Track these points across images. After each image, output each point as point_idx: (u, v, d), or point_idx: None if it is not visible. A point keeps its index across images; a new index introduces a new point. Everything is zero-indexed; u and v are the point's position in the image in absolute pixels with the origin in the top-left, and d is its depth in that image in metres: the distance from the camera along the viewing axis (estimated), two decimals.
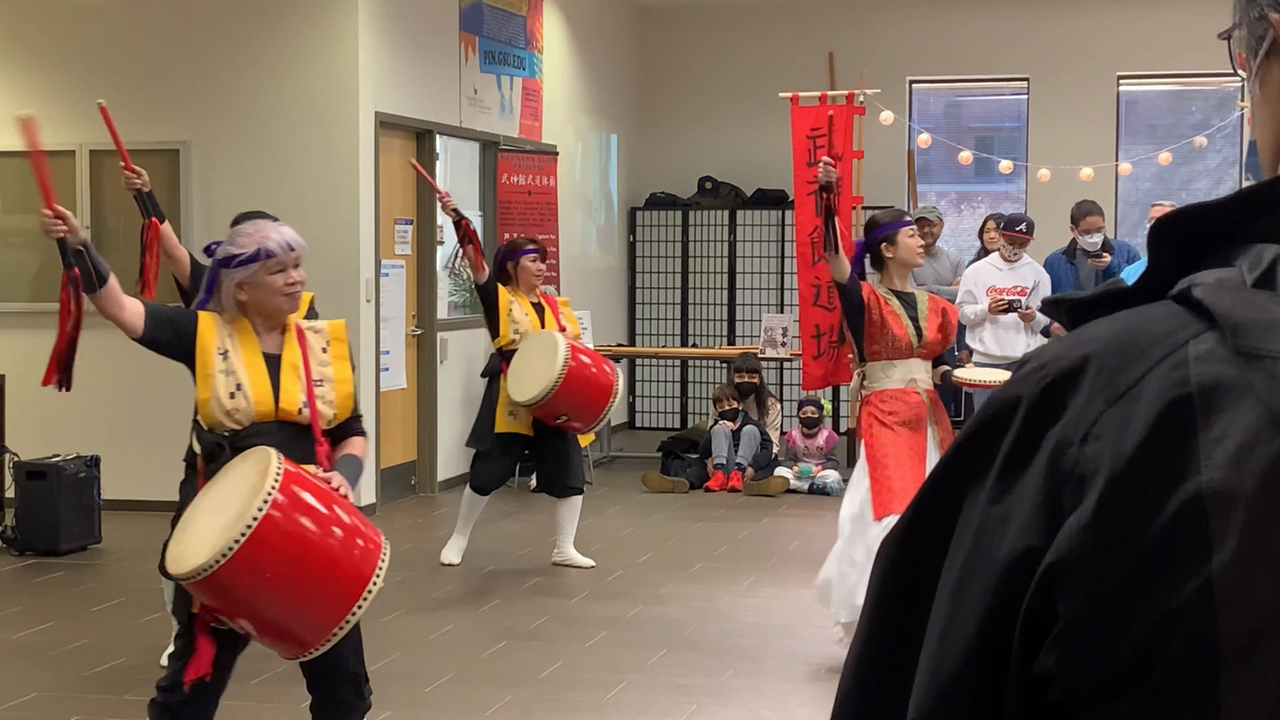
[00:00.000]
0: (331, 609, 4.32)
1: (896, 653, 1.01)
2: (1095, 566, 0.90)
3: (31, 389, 10.59)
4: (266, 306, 4.61)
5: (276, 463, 4.30)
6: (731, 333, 14.92)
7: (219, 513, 4.28)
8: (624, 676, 6.71)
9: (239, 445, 4.49)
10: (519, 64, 12.63)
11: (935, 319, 6.86)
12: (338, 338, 4.75)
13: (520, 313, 8.65)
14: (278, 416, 4.55)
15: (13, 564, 9.09)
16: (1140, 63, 14.33)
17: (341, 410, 4.67)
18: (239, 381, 4.53)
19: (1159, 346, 0.93)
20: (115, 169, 10.60)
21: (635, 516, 10.67)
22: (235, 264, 4.58)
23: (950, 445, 1.02)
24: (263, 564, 4.22)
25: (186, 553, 4.26)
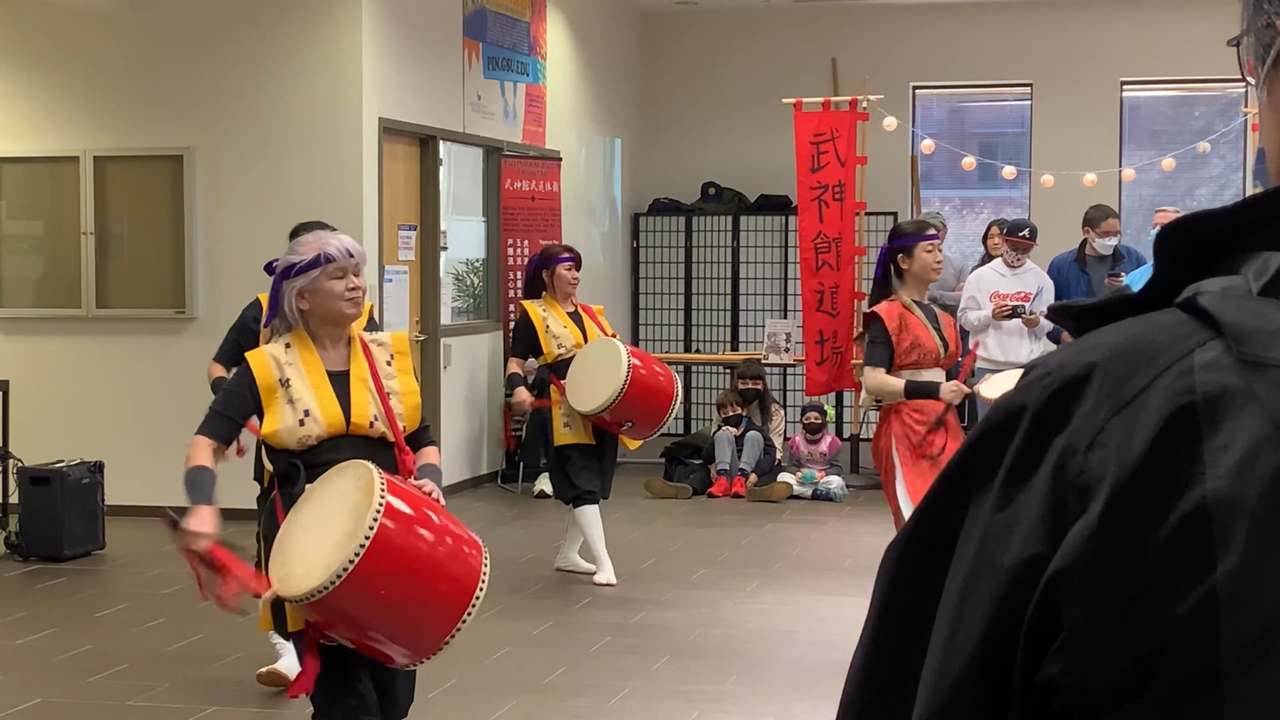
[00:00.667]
0: (443, 618, 4.31)
1: (900, 660, 1.01)
2: (1099, 575, 0.90)
3: (35, 394, 10.65)
4: (330, 313, 4.58)
5: (379, 477, 4.26)
6: (735, 338, 14.92)
7: (324, 531, 4.24)
8: (627, 683, 6.71)
9: (312, 463, 4.47)
10: (522, 70, 12.64)
11: (951, 330, 6.94)
12: (401, 350, 4.73)
13: (559, 326, 8.56)
14: (349, 431, 4.52)
15: (17, 570, 9.09)
16: (1143, 68, 14.33)
17: (410, 421, 4.66)
18: (306, 408, 4.49)
19: (1164, 355, 0.93)
20: (119, 174, 10.67)
21: (638, 522, 10.66)
22: (295, 272, 4.56)
23: (955, 451, 1.02)
24: (378, 580, 4.20)
25: (295, 573, 4.23)
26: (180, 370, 10.26)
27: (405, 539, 4.27)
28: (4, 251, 10.93)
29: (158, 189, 10.62)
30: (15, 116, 10.82)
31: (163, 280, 10.59)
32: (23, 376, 10.22)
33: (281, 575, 4.27)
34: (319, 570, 4.18)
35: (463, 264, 12.32)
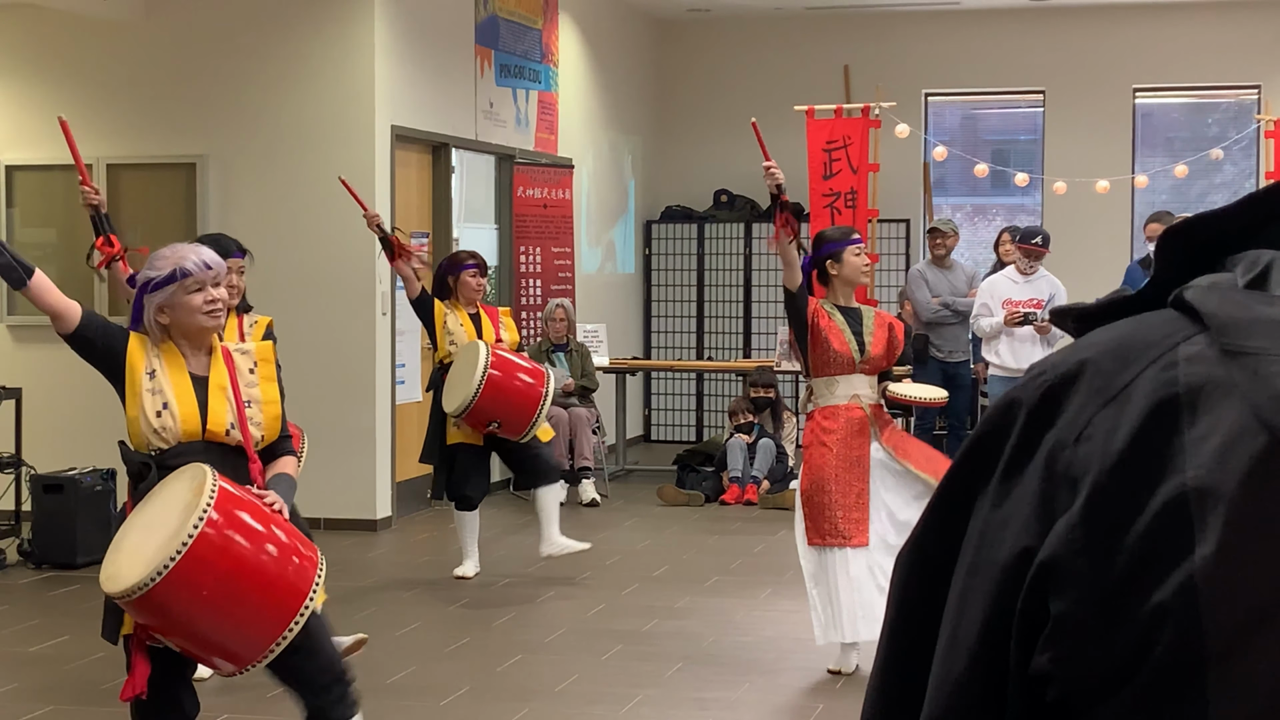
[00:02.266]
0: (268, 625, 4.33)
1: (914, 662, 1.02)
2: (1083, 564, 0.92)
3: (48, 402, 10.65)
4: (188, 326, 4.62)
5: (212, 480, 4.31)
6: (747, 345, 14.91)
7: (153, 530, 4.28)
8: (641, 690, 6.70)
9: (166, 465, 4.50)
10: (535, 77, 12.65)
11: (881, 334, 6.82)
12: (265, 359, 4.76)
13: (455, 324, 8.68)
14: (205, 437, 4.57)
15: (30, 577, 9.10)
16: (1156, 75, 14.32)
17: (270, 431, 4.69)
18: (165, 400, 4.55)
19: (1152, 349, 0.95)
20: (132, 182, 10.69)
21: (651, 530, 10.65)
22: (153, 287, 4.60)
23: (957, 453, 1.03)
24: (198, 581, 4.23)
25: (121, 571, 4.26)
26: None
27: (229, 543, 4.29)
28: None
29: (171, 197, 10.63)
30: (28, 124, 10.84)
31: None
32: (35, 384, 10.23)
33: (109, 573, 4.30)
34: (140, 567, 4.21)
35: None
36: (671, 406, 15.21)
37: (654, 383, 15.15)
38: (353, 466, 10.36)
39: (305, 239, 10.32)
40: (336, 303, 10.30)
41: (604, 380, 12.56)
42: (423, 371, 11.20)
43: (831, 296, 6.85)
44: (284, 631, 4.32)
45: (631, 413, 14.17)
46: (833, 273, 6.84)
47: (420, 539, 10.29)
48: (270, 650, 4.35)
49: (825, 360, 6.74)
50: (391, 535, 10.37)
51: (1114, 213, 14.11)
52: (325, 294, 10.26)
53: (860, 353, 6.74)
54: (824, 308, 6.78)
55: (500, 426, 8.49)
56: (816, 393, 6.86)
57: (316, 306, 10.29)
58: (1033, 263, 10.66)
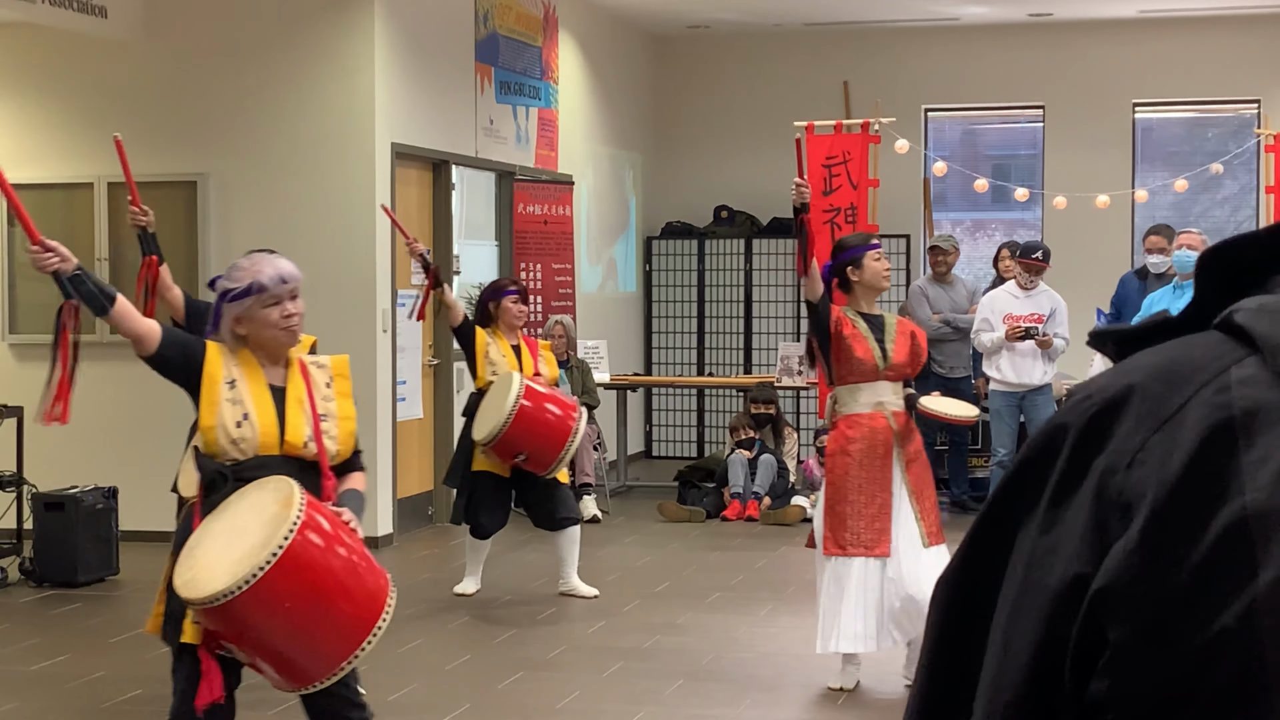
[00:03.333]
0: (342, 643, 4.30)
1: (956, 689, 1.01)
2: (1141, 591, 0.91)
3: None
4: (264, 340, 4.59)
5: (300, 493, 4.28)
6: (748, 361, 14.91)
7: (236, 539, 4.25)
8: (641, 707, 6.69)
9: (241, 476, 4.46)
10: (535, 94, 12.67)
11: (904, 341, 6.82)
12: (341, 374, 4.74)
13: (497, 353, 8.66)
14: (282, 450, 4.52)
15: (30, 595, 9.10)
16: (1156, 90, 14.33)
17: (344, 447, 4.65)
18: (246, 410, 4.50)
19: (1202, 373, 0.94)
20: None
21: (652, 546, 10.65)
22: (230, 298, 4.58)
23: (1001, 478, 1.03)
24: (283, 593, 4.20)
25: (200, 577, 4.22)
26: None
27: (315, 557, 4.27)
28: (18, 278, 10.95)
29: (172, 215, 10.63)
30: (29, 143, 10.86)
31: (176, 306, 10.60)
32: (36, 402, 10.21)
33: (187, 578, 4.26)
34: (225, 575, 4.18)
35: (476, 288, 12.32)
36: (672, 422, 15.21)
37: (655, 399, 15.15)
38: None
39: (306, 257, 10.27)
40: (337, 320, 10.30)
41: (605, 396, 12.56)
42: (424, 389, 11.21)
43: (853, 303, 6.84)
44: (356, 651, 4.29)
45: (632, 429, 14.16)
46: (854, 279, 6.83)
47: (421, 556, 10.29)
48: (340, 669, 4.31)
49: (849, 368, 6.72)
50: (392, 552, 10.37)
51: (1114, 227, 14.11)
52: (326, 311, 10.26)
53: (883, 359, 6.73)
54: (847, 315, 6.77)
55: (527, 459, 8.47)
56: (840, 401, 6.82)
57: (317, 324, 10.26)
58: (1033, 278, 10.67)
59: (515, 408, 8.27)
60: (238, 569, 4.17)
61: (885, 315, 6.92)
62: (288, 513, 4.22)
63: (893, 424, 6.75)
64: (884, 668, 7.16)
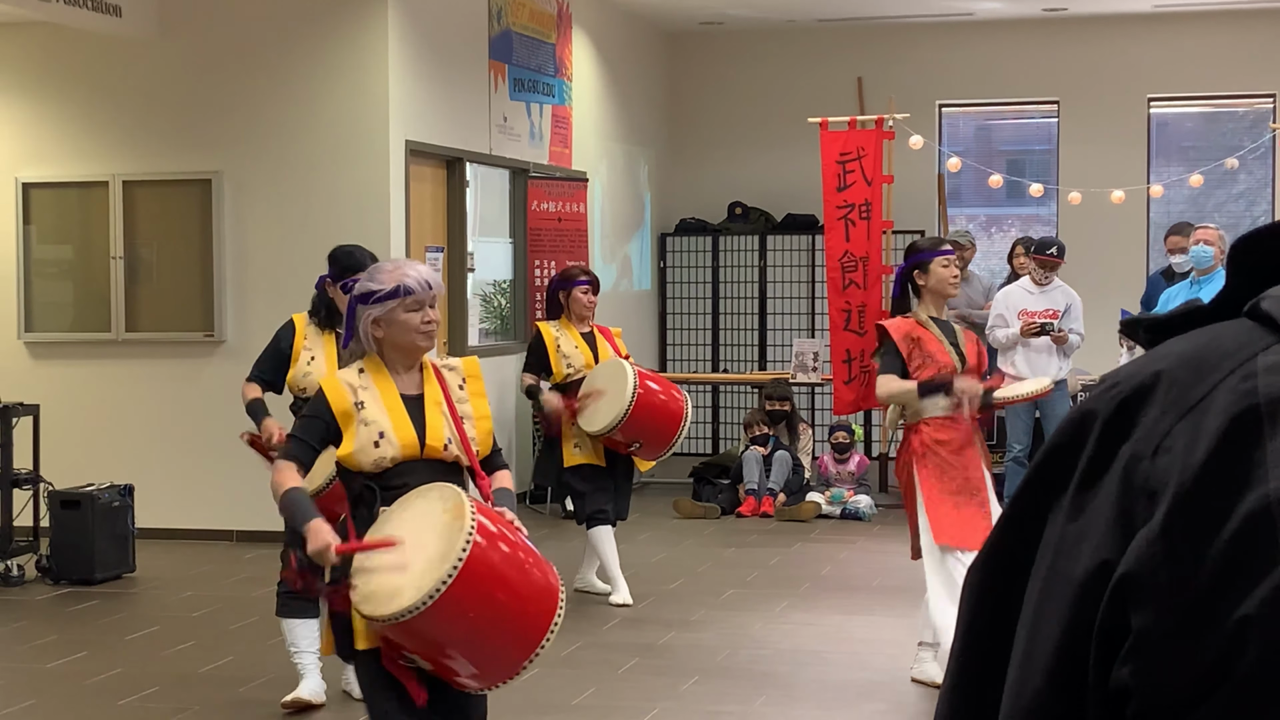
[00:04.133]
0: (522, 644, 4.30)
1: (988, 676, 1.02)
2: (1166, 577, 0.91)
3: (65, 418, 10.68)
4: (402, 344, 4.57)
5: (470, 501, 4.27)
6: (762, 358, 14.90)
7: (411, 552, 4.22)
8: (656, 704, 6.69)
9: (387, 486, 4.46)
10: (548, 91, 12.67)
11: (972, 346, 6.86)
12: (473, 375, 4.73)
13: (570, 346, 8.62)
14: (424, 455, 4.51)
15: (47, 593, 9.12)
16: (1171, 84, 14.30)
17: (484, 446, 4.64)
18: (381, 430, 4.49)
19: (1229, 360, 0.94)
20: (147, 199, 10.72)
21: (667, 543, 10.65)
22: (373, 300, 4.55)
23: (1030, 466, 1.03)
24: (466, 604, 4.19)
25: (379, 593, 4.20)
26: (209, 393, 10.30)
27: (495, 562, 4.26)
28: (34, 276, 10.98)
29: (186, 213, 10.67)
30: (45, 142, 10.89)
31: (191, 304, 10.63)
32: (53, 400, 10.26)
33: (365, 594, 4.24)
34: (410, 591, 4.15)
35: (490, 285, 12.34)
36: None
37: None
38: None
39: (320, 254, 10.28)
40: None
41: None
42: None
43: (923, 308, 6.83)
44: (537, 648, 4.30)
45: None
46: (920, 283, 6.82)
47: None
48: (524, 667, 4.32)
49: (929, 370, 6.69)
50: None
51: (1129, 223, 14.08)
52: None
53: (962, 363, 6.73)
54: (920, 319, 6.76)
55: (641, 447, 8.45)
56: (921, 406, 6.73)
57: None
58: (1048, 273, 10.65)
59: (635, 396, 8.23)
60: (421, 584, 4.14)
61: (954, 323, 6.94)
62: (461, 523, 4.20)
63: (970, 424, 6.74)
64: (899, 664, 7.15)
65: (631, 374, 8.27)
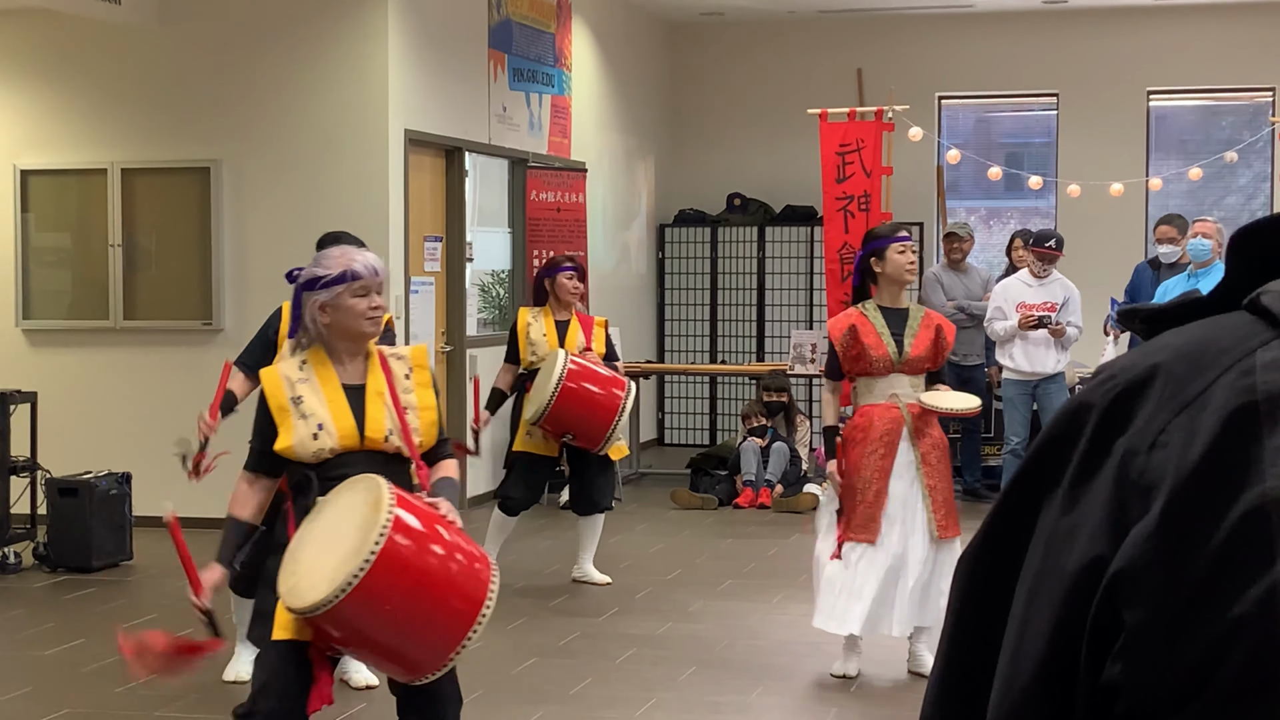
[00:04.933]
0: (449, 634, 4.30)
1: (976, 668, 1.01)
2: (1159, 575, 0.90)
3: (63, 406, 10.68)
4: (350, 330, 4.58)
5: (389, 492, 4.27)
6: (760, 349, 14.91)
7: (330, 545, 4.26)
8: (654, 694, 6.70)
9: (327, 477, 4.47)
10: (548, 81, 12.66)
11: (926, 335, 6.80)
12: (420, 364, 4.72)
13: (538, 333, 8.66)
14: (364, 446, 4.52)
15: (45, 580, 9.12)
16: (1170, 78, 14.29)
17: (427, 437, 4.64)
18: (320, 422, 4.50)
19: (1227, 355, 0.93)
20: (146, 187, 10.72)
21: (664, 533, 10.66)
22: (320, 286, 4.56)
23: (1024, 457, 1.02)
24: (382, 595, 4.20)
25: (302, 585, 4.24)
26: (207, 382, 10.25)
27: (412, 554, 4.26)
28: (32, 264, 10.97)
29: (185, 201, 10.66)
30: (43, 129, 10.88)
31: (190, 292, 10.63)
32: (50, 388, 10.26)
33: (289, 587, 4.28)
34: (325, 583, 4.18)
35: (488, 275, 12.33)
36: (685, 410, 15.21)
37: (667, 386, 15.15)
38: None
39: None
40: None
41: None
42: (436, 376, 11.20)
43: (878, 296, 6.85)
44: (464, 639, 4.30)
45: (645, 416, 14.17)
46: (877, 270, 6.82)
47: None
48: (450, 659, 4.33)
49: (865, 364, 6.74)
50: None
51: (1128, 216, 14.08)
52: None
53: (899, 353, 6.73)
54: (866, 312, 6.77)
55: (575, 438, 8.47)
56: (858, 392, 6.89)
57: None
58: (1046, 266, 10.65)
59: (559, 387, 8.25)
60: (336, 575, 4.17)
61: (910, 308, 6.90)
62: (378, 514, 4.21)
63: (906, 416, 6.75)
64: (893, 655, 7.16)
65: (560, 367, 8.30)
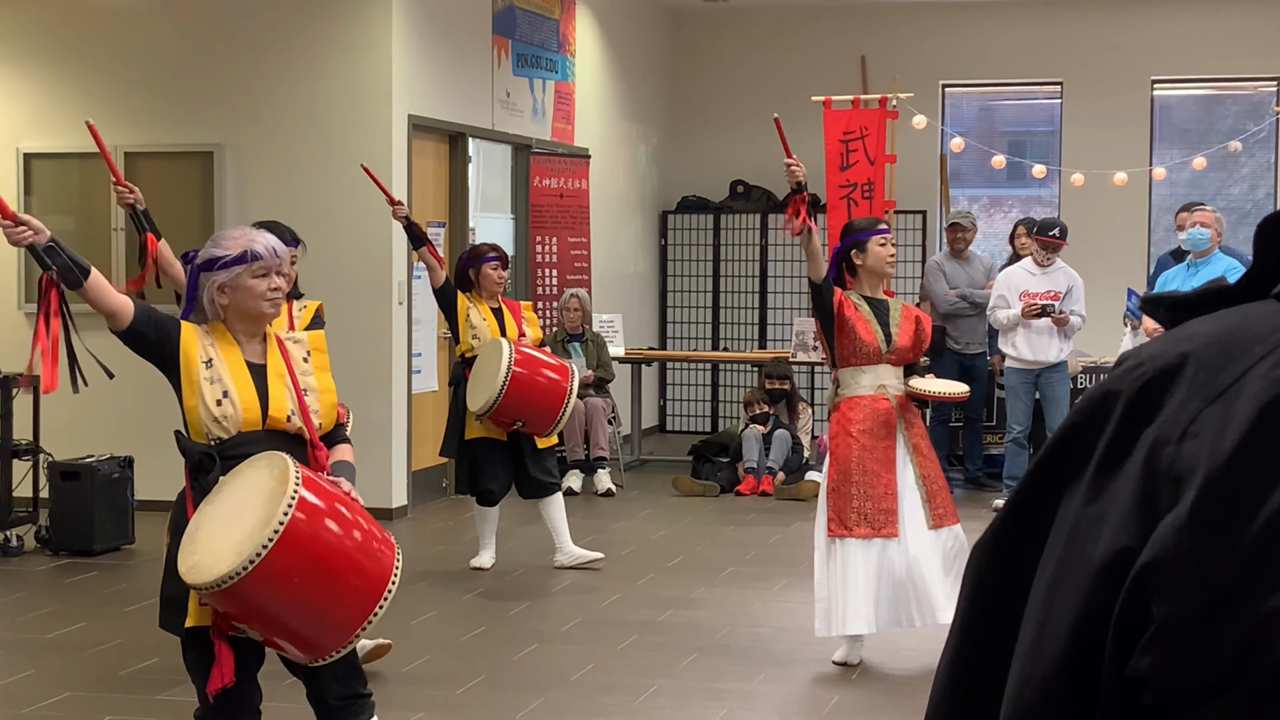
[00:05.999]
0: (353, 613, 4.31)
1: (990, 657, 1.00)
2: (1191, 567, 0.89)
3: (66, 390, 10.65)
4: (249, 311, 4.56)
5: (295, 467, 4.28)
6: (763, 336, 14.90)
7: (235, 520, 4.24)
8: (655, 680, 6.70)
9: (228, 455, 4.45)
10: (551, 67, 12.65)
11: (908, 326, 6.82)
12: (318, 348, 4.73)
13: (478, 318, 8.66)
14: (266, 425, 4.51)
15: (46, 564, 9.13)
16: (1174, 67, 14.27)
17: (327, 420, 4.66)
18: (225, 389, 4.49)
19: (1259, 345, 0.92)
20: (149, 170, 10.71)
21: (666, 520, 10.66)
22: (219, 266, 4.54)
23: (1045, 444, 1.00)
24: (288, 570, 4.20)
25: (204, 561, 4.22)
26: None
27: (318, 530, 4.27)
28: None
29: (188, 185, 10.65)
30: (46, 113, 10.86)
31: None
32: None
33: (191, 564, 4.24)
34: (230, 557, 4.17)
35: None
36: (687, 397, 15.21)
37: (669, 373, 15.15)
38: (368, 456, 10.36)
39: (322, 228, 10.32)
40: (353, 292, 10.31)
41: (619, 370, 12.56)
42: (439, 361, 11.21)
43: (858, 287, 6.84)
44: (368, 619, 4.30)
45: (647, 403, 14.17)
46: (858, 262, 6.82)
47: (436, 528, 10.31)
48: (354, 638, 4.33)
49: (851, 350, 6.73)
50: (407, 524, 10.39)
51: (1131, 205, 14.07)
52: (341, 283, 10.27)
53: (887, 343, 6.73)
54: (850, 298, 6.77)
55: (525, 425, 8.48)
56: (842, 383, 6.84)
57: (332, 295, 10.28)
58: (1050, 254, 10.64)
59: (509, 375, 8.27)
60: (241, 549, 4.16)
61: (890, 300, 6.92)
62: (284, 488, 4.22)
63: (895, 406, 6.76)
64: (896, 643, 7.16)
65: (507, 355, 8.30)
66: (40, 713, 6.24)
